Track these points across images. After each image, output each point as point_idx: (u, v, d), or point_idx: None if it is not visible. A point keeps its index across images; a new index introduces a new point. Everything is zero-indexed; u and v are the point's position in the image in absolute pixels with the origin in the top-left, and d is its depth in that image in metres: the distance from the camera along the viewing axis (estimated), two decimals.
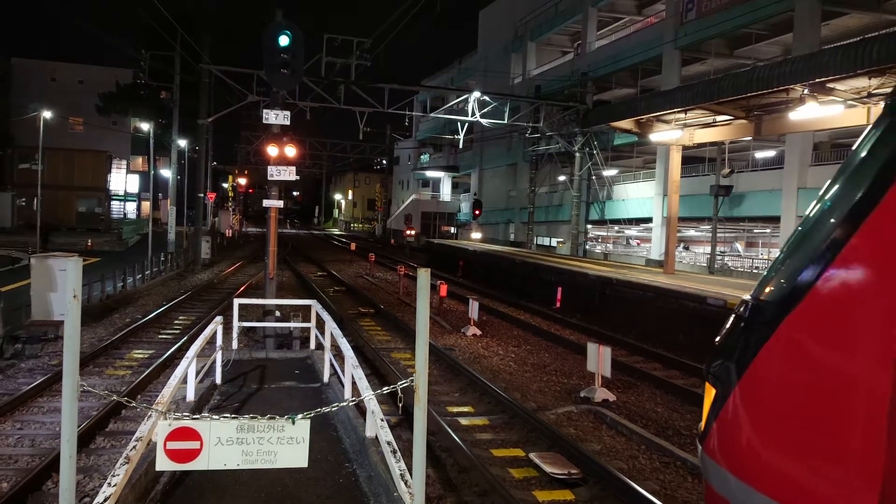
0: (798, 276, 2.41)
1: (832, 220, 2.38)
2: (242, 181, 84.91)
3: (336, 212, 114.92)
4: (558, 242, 41.32)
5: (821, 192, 2.54)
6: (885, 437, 1.94)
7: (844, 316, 2.20)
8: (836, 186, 2.47)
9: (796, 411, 2.30)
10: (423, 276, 3.95)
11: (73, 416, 3.50)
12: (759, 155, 32.13)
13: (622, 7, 38.70)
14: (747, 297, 2.71)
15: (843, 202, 2.37)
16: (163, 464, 3.65)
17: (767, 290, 2.59)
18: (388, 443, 5.33)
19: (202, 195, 34.15)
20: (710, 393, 2.75)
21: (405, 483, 4.58)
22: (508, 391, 11.70)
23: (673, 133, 21.36)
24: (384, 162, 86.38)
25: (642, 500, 7.11)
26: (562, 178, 40.07)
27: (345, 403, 4.80)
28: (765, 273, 2.73)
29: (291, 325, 14.10)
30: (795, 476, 2.25)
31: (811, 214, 2.52)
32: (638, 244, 43.92)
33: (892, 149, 2.26)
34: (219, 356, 10.10)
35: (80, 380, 3.52)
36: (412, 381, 4.04)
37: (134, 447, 4.87)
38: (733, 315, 2.75)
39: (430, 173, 69.10)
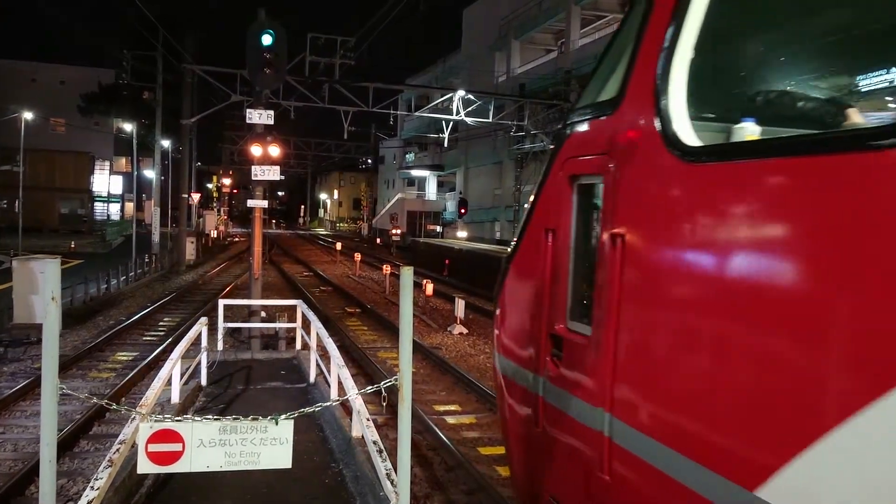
0: (516, 238, 4.03)
1: (527, 206, 3.98)
2: (227, 181, 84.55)
3: (321, 211, 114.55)
4: None
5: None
6: (530, 316, 3.67)
7: (528, 258, 3.80)
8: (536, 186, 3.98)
9: (514, 308, 4.07)
10: (407, 274, 3.94)
11: (53, 419, 3.46)
12: None
13: (605, 5, 38.79)
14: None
15: (534, 194, 3.93)
16: (144, 466, 3.62)
17: (512, 247, 4.20)
18: (374, 442, 5.31)
19: (186, 196, 33.96)
20: (494, 310, 4.39)
21: (391, 482, 4.57)
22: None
23: None
24: (369, 161, 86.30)
25: None
26: None
27: (328, 403, 4.78)
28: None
29: (277, 325, 14.04)
30: (516, 343, 3.94)
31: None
32: None
33: (549, 156, 3.79)
34: (204, 357, 10.05)
35: (59, 383, 3.47)
36: (396, 380, 4.03)
37: (117, 450, 4.82)
38: (503, 262, 4.27)
39: (415, 172, 69.01)
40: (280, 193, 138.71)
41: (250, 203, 14.46)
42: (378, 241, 63.27)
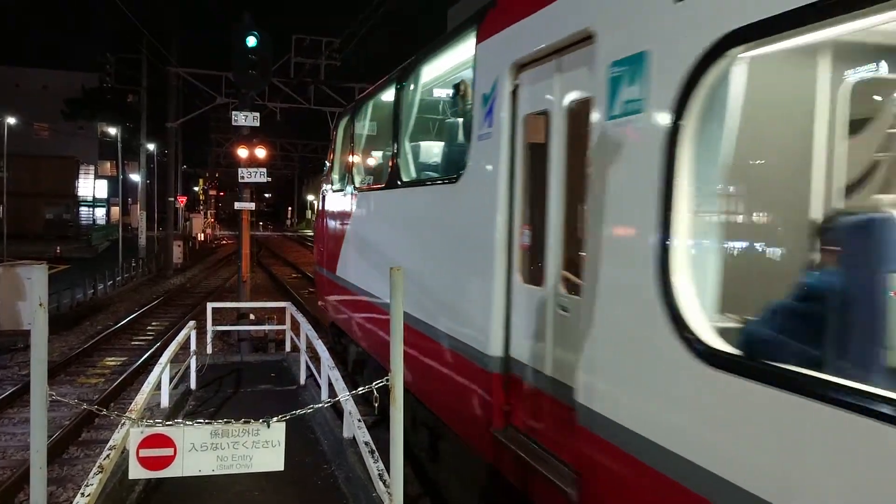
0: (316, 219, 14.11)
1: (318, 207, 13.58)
2: (213, 184, 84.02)
3: (309, 213, 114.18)
4: None
5: None
6: (320, 244, 12.95)
7: (319, 227, 13.15)
8: None
9: (317, 244, 13.61)
10: (396, 275, 3.94)
11: (43, 425, 3.44)
12: None
13: None
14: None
15: (318, 202, 14.41)
16: (135, 472, 3.60)
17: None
18: (366, 443, 5.31)
19: (172, 199, 33.79)
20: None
21: (384, 483, 4.56)
22: None
23: None
24: None
25: None
26: None
27: (320, 405, 4.76)
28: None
29: (266, 327, 13.99)
30: (318, 256, 13.02)
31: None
32: None
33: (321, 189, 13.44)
34: (193, 361, 9.99)
35: (49, 389, 3.45)
36: (388, 380, 4.02)
37: (107, 456, 4.79)
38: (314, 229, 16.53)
39: None
40: (267, 195, 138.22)
41: (238, 205, 14.36)
42: None
